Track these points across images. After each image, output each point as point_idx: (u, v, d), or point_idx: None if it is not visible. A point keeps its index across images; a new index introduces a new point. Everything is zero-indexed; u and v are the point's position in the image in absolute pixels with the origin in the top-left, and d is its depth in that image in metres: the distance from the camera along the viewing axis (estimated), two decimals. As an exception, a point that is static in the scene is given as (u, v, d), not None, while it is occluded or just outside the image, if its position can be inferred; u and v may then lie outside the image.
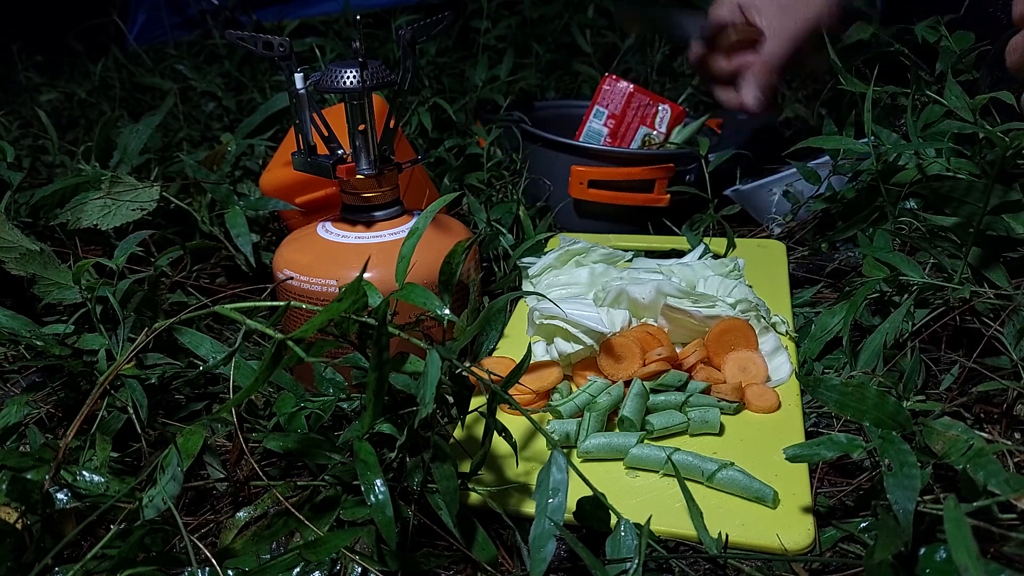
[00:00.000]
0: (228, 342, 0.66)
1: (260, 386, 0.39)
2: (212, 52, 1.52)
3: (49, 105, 1.35)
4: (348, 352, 0.51)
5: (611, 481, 0.48)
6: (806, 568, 0.42)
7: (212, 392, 0.59)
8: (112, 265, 0.61)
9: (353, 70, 0.57)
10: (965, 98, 0.62)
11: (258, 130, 0.93)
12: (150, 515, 0.41)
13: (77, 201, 0.72)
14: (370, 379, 0.38)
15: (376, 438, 0.48)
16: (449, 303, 0.48)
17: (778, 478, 0.47)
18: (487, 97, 1.09)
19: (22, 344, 0.56)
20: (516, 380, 0.45)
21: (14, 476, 0.41)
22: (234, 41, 0.58)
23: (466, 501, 0.47)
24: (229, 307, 0.43)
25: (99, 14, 1.58)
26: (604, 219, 0.87)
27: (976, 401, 0.51)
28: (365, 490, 0.40)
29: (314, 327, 0.39)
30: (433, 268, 0.52)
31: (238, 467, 0.50)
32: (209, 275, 0.80)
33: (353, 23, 1.44)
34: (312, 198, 0.73)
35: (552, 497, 0.41)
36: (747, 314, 0.62)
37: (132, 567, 0.39)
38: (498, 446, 0.50)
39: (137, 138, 0.85)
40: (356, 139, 0.60)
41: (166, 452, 0.43)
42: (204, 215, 0.76)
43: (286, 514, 0.44)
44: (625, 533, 0.41)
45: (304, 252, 0.60)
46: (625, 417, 0.52)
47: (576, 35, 1.30)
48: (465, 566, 0.44)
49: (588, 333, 0.58)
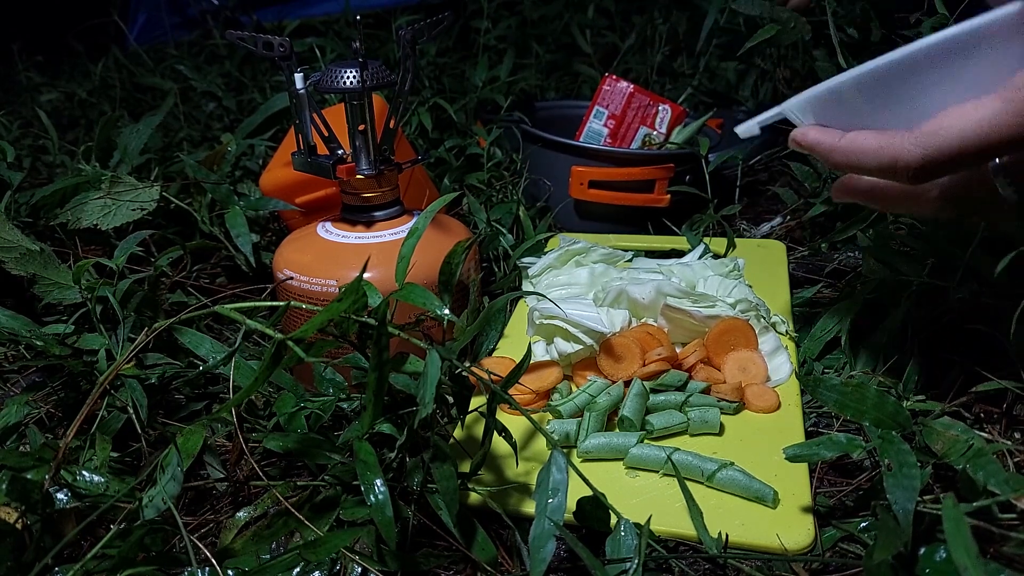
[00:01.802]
0: (228, 342, 0.66)
1: (260, 386, 0.39)
2: (212, 52, 1.53)
3: (49, 105, 1.35)
4: (348, 352, 0.51)
5: (611, 481, 0.48)
6: (806, 568, 0.42)
7: (212, 392, 0.59)
8: (112, 265, 0.61)
9: (353, 70, 0.57)
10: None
11: (258, 130, 0.93)
12: (150, 515, 0.41)
13: (77, 201, 0.72)
14: (370, 379, 0.38)
15: (376, 438, 0.48)
16: (449, 303, 0.48)
17: (778, 478, 0.47)
18: (487, 97, 1.09)
19: (22, 344, 0.56)
20: (516, 380, 0.45)
21: (14, 476, 0.41)
22: (234, 41, 0.58)
23: (466, 501, 0.47)
24: (229, 307, 0.43)
25: (99, 14, 1.58)
26: (604, 219, 0.87)
27: (976, 401, 0.51)
28: (365, 490, 0.40)
29: (314, 327, 0.39)
30: (433, 268, 0.52)
31: (238, 467, 0.50)
32: (209, 275, 0.80)
33: (353, 23, 1.44)
34: (312, 198, 0.73)
35: (552, 497, 0.41)
36: (747, 314, 0.62)
37: (132, 567, 0.39)
38: (498, 446, 0.50)
39: (137, 138, 0.85)
40: (356, 139, 0.60)
41: (166, 452, 0.43)
42: (204, 215, 0.76)
43: (286, 514, 0.44)
44: (625, 533, 0.41)
45: (304, 252, 0.60)
46: (625, 417, 0.52)
47: (576, 35, 1.30)
48: (465, 566, 0.44)
49: (588, 333, 0.58)
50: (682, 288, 0.62)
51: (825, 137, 0.43)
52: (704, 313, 0.60)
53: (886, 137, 0.39)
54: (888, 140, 0.39)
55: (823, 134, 0.43)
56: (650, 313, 0.63)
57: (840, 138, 0.42)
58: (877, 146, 0.40)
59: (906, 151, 0.38)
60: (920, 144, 0.38)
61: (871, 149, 0.40)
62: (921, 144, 0.38)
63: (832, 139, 0.42)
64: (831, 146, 0.42)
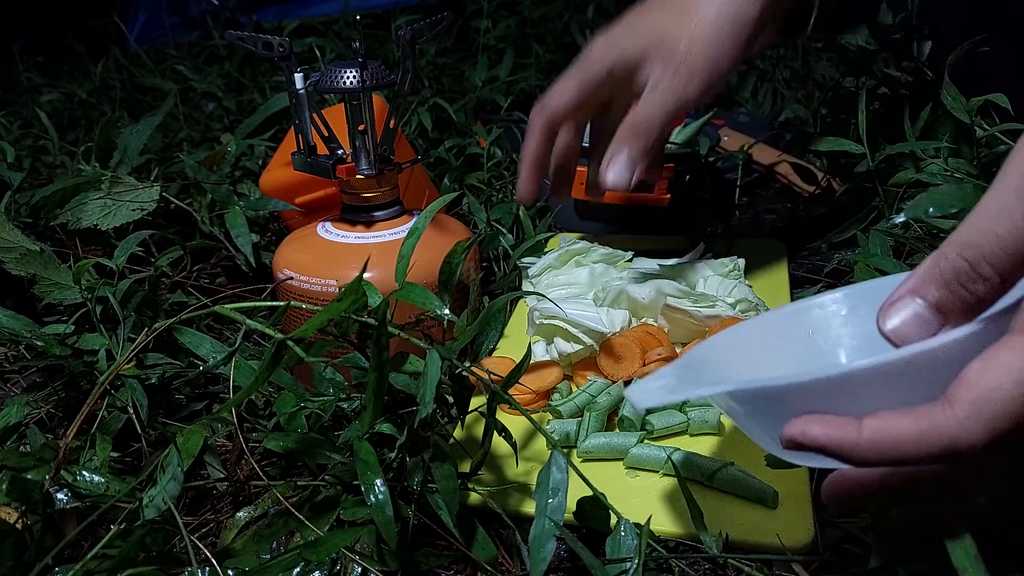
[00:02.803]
0: (228, 342, 0.66)
1: (260, 386, 0.39)
2: (212, 53, 1.52)
3: (50, 105, 1.35)
4: (348, 352, 0.51)
5: (611, 481, 0.48)
6: (807, 568, 0.42)
7: (212, 392, 0.59)
8: (112, 265, 0.61)
9: (353, 70, 0.57)
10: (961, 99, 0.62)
11: (258, 130, 0.93)
12: (150, 515, 0.41)
13: (77, 201, 0.72)
14: (370, 379, 0.38)
15: (376, 438, 0.48)
16: (449, 303, 0.48)
17: (778, 477, 0.47)
18: (487, 97, 1.09)
19: (22, 344, 0.56)
20: (516, 380, 0.45)
21: (14, 476, 0.41)
22: (234, 42, 0.58)
23: (466, 501, 0.47)
24: (229, 307, 0.43)
25: (99, 14, 1.58)
26: (604, 219, 0.87)
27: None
28: (365, 490, 0.40)
29: (314, 327, 0.39)
30: (433, 268, 0.52)
31: (238, 467, 0.50)
32: (209, 275, 0.80)
33: (353, 23, 1.44)
34: (312, 198, 0.73)
35: (552, 497, 0.41)
36: (747, 314, 0.62)
37: (132, 567, 0.39)
38: (498, 446, 0.50)
39: (137, 138, 0.85)
40: (356, 139, 0.60)
41: (166, 452, 0.43)
42: (204, 215, 0.76)
43: (286, 514, 0.44)
44: (625, 533, 0.41)
45: (304, 252, 0.60)
46: (625, 417, 0.52)
47: (576, 35, 1.29)
48: (465, 566, 0.44)
49: (588, 333, 0.58)
50: (682, 288, 0.62)
51: (838, 432, 0.31)
52: (704, 313, 0.60)
53: (925, 418, 0.30)
54: (930, 421, 0.30)
55: (833, 428, 0.31)
56: (650, 313, 0.63)
57: (861, 431, 0.31)
58: (918, 431, 0.30)
59: (962, 429, 0.29)
60: (975, 417, 0.29)
61: (911, 437, 0.30)
62: (976, 417, 0.29)
63: (850, 434, 0.31)
64: (852, 443, 0.31)
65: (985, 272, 0.31)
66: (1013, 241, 0.30)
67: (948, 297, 0.32)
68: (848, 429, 0.31)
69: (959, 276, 0.31)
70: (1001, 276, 0.31)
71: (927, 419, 0.30)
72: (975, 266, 0.31)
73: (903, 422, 0.30)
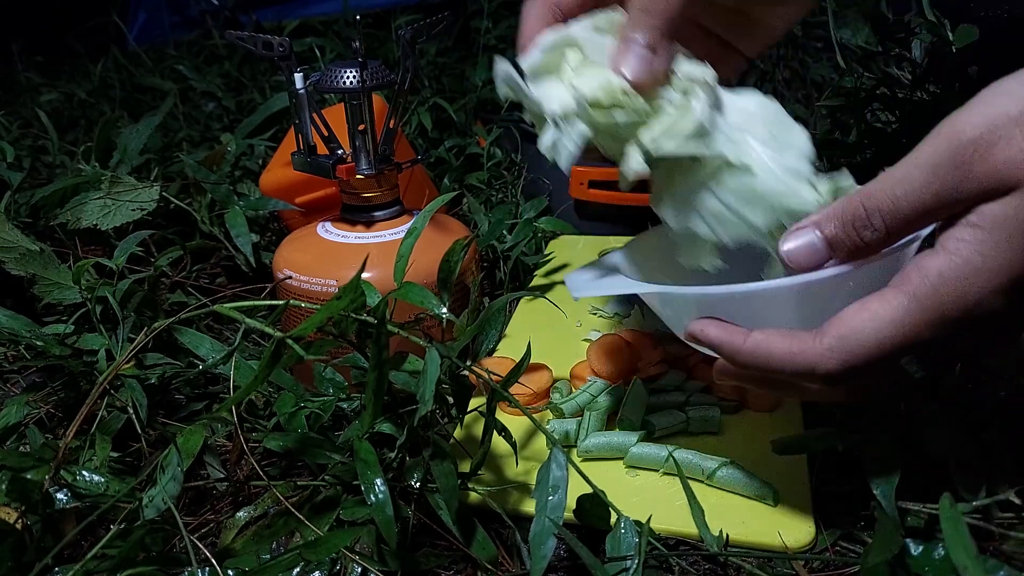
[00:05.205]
0: (228, 342, 0.66)
1: (260, 385, 0.39)
2: (212, 52, 1.52)
3: (49, 105, 1.35)
4: (348, 352, 0.51)
5: (611, 480, 0.48)
6: (807, 566, 0.42)
7: (212, 392, 0.59)
8: (112, 265, 0.61)
9: (353, 70, 0.57)
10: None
11: (258, 130, 0.93)
12: (150, 515, 0.41)
13: (77, 201, 0.72)
14: (370, 378, 0.38)
15: (376, 437, 0.48)
16: (448, 302, 0.48)
17: (778, 476, 0.47)
18: (487, 97, 1.09)
19: (22, 344, 0.56)
20: (516, 379, 0.45)
21: (14, 476, 0.41)
22: (234, 41, 0.58)
23: (466, 500, 0.47)
24: (229, 306, 0.43)
25: (99, 14, 1.58)
26: (604, 219, 0.87)
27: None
28: (365, 490, 0.40)
29: (313, 325, 0.39)
30: (432, 267, 0.52)
31: (238, 467, 0.50)
32: (209, 275, 0.80)
33: (353, 23, 1.44)
34: (312, 198, 0.73)
35: (552, 494, 0.41)
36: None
37: (132, 567, 0.39)
38: (498, 446, 0.50)
39: (137, 138, 0.86)
40: (356, 139, 0.60)
41: (166, 452, 0.43)
42: (204, 215, 0.76)
43: (286, 514, 0.44)
44: (625, 531, 0.41)
45: (304, 252, 0.60)
46: (625, 417, 0.52)
47: (576, 35, 1.29)
48: (465, 565, 0.44)
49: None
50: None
51: (727, 337, 0.38)
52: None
53: (797, 342, 0.36)
54: (800, 346, 0.36)
55: (725, 333, 0.39)
56: None
57: (745, 340, 0.38)
58: (788, 352, 0.36)
59: (823, 358, 0.35)
60: (836, 350, 0.35)
61: (782, 355, 0.36)
62: (837, 351, 0.35)
63: (736, 340, 0.38)
64: (735, 348, 0.38)
65: (876, 223, 0.35)
66: (907, 204, 0.34)
67: (841, 235, 0.36)
68: (737, 336, 0.38)
69: (855, 220, 0.35)
70: (889, 232, 0.35)
71: (799, 344, 0.36)
72: (870, 215, 0.35)
73: (780, 342, 0.37)
